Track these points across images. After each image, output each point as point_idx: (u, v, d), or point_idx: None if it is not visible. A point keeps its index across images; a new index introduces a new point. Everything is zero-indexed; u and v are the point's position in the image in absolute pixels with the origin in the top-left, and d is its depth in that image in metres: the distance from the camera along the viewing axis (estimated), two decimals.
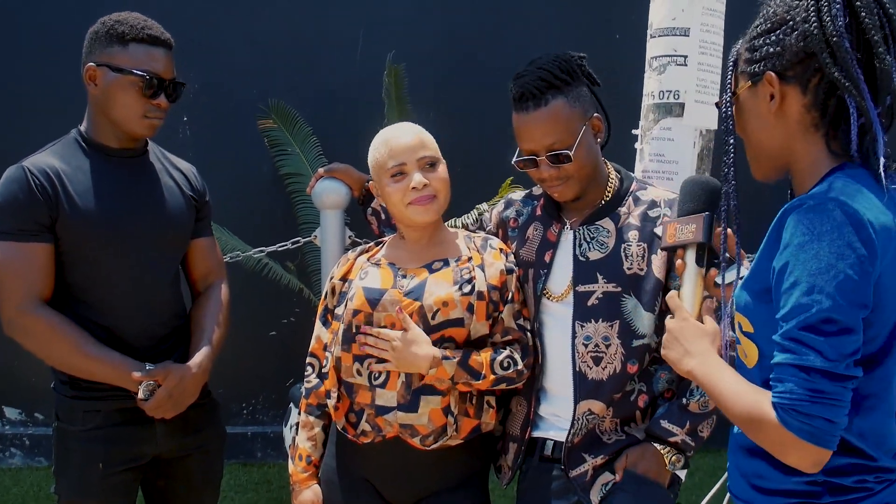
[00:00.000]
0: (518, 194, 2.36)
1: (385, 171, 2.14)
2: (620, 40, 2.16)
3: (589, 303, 2.09)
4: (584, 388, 2.09)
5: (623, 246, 2.09)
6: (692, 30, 2.43)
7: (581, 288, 2.10)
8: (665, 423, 2.05)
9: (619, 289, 2.07)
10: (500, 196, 2.48)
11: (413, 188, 2.10)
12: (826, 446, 1.36)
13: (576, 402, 2.10)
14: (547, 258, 2.17)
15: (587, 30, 4.73)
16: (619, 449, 2.10)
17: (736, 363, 1.66)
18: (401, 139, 2.14)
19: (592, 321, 2.08)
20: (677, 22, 2.44)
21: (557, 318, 2.15)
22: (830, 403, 1.34)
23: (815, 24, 1.43)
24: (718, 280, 1.68)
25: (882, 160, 1.43)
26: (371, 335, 2.08)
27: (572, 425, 2.10)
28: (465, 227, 2.42)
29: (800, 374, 1.35)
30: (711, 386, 1.52)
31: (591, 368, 2.09)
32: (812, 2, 1.45)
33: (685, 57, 2.44)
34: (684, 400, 2.05)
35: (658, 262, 2.07)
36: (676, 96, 2.44)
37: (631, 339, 2.07)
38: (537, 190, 2.30)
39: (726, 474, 1.74)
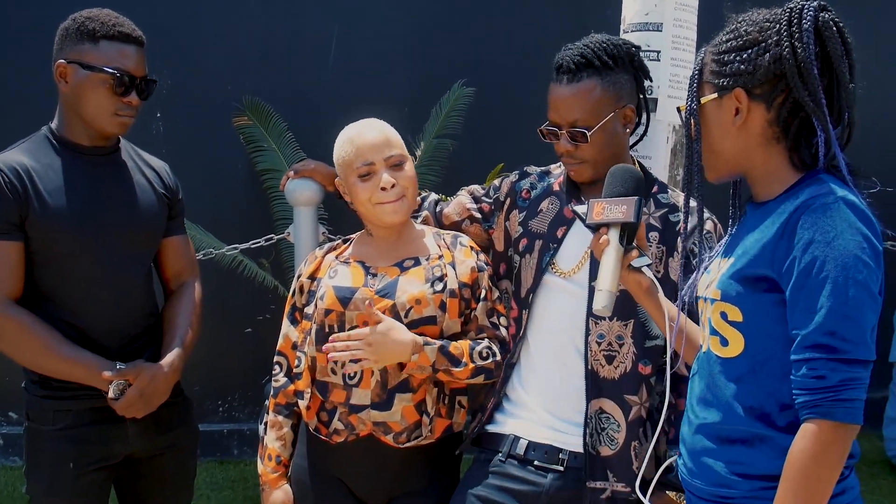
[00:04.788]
0: (533, 168, 2.34)
1: (352, 170, 2.12)
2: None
3: None
4: (596, 386, 2.08)
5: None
6: (665, 25, 2.44)
7: None
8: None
9: None
10: (487, 183, 2.46)
11: (382, 188, 2.09)
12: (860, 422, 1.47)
13: (588, 401, 2.08)
14: (559, 234, 2.15)
15: (561, 24, 4.72)
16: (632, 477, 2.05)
17: (704, 354, 1.69)
18: (367, 137, 2.11)
19: (606, 319, 2.07)
20: (650, 17, 2.45)
21: (559, 293, 2.13)
22: (862, 386, 1.46)
23: (788, 49, 1.53)
24: (634, 263, 1.79)
25: (845, 169, 1.55)
26: (340, 340, 2.03)
27: (586, 424, 2.08)
28: (472, 193, 2.36)
29: (841, 366, 1.44)
30: None
31: (603, 367, 2.08)
32: (785, 27, 1.55)
33: (658, 52, 2.44)
34: None
35: (675, 265, 2.07)
36: (650, 91, 2.44)
37: (644, 340, 2.07)
38: (555, 167, 2.29)
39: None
